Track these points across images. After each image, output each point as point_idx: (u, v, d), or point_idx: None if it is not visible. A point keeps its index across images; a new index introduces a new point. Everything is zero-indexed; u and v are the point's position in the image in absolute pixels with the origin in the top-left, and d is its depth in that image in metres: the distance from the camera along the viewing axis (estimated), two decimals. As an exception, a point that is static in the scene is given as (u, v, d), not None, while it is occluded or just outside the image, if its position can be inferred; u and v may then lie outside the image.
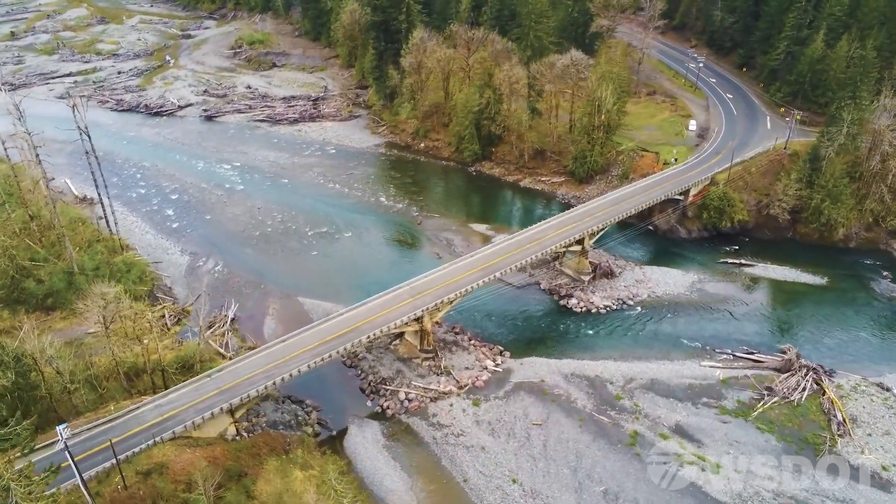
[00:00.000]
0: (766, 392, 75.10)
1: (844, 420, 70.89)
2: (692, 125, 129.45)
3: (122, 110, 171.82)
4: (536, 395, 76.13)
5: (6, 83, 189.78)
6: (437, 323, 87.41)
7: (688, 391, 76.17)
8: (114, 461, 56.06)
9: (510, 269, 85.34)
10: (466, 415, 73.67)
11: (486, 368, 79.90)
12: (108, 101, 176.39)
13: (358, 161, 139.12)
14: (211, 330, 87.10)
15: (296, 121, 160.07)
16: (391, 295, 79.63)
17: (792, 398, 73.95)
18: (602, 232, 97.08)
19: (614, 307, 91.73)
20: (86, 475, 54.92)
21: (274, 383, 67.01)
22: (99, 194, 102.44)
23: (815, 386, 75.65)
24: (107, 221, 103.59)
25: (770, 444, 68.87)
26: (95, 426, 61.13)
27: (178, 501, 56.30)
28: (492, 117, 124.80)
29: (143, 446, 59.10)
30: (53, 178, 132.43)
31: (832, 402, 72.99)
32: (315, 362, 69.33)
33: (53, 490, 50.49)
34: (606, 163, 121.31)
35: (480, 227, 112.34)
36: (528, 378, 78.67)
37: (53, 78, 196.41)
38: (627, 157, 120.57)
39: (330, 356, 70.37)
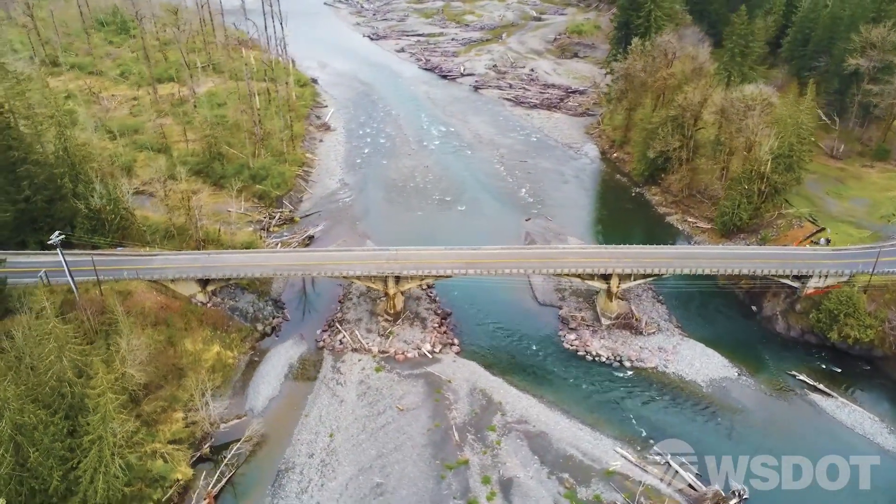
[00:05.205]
0: (636, 506, 61.81)
1: (685, 583, 54.98)
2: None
3: (425, 69, 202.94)
4: (430, 388, 76.96)
5: (375, 33, 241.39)
6: (430, 293, 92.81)
7: (560, 460, 67.21)
8: (109, 276, 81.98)
9: (490, 272, 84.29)
10: (362, 373, 79.48)
11: (419, 349, 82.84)
12: (421, 60, 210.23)
13: (542, 154, 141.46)
14: (290, 237, 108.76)
15: (534, 106, 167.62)
16: (372, 253, 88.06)
17: (657, 528, 59.58)
18: (644, 281, 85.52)
19: (604, 360, 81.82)
20: (87, 278, 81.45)
21: (232, 276, 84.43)
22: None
23: (705, 535, 58.99)
24: (290, 132, 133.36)
25: (573, 550, 58.48)
26: (126, 254, 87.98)
27: (118, 317, 78.87)
28: (655, 139, 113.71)
29: (128, 276, 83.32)
30: (327, 106, 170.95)
31: (696, 559, 56.68)
32: (267, 273, 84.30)
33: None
34: (759, 223, 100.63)
35: (574, 242, 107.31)
36: (442, 373, 79.18)
37: (406, 35, 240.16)
38: (787, 222, 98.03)
39: (279, 275, 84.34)
